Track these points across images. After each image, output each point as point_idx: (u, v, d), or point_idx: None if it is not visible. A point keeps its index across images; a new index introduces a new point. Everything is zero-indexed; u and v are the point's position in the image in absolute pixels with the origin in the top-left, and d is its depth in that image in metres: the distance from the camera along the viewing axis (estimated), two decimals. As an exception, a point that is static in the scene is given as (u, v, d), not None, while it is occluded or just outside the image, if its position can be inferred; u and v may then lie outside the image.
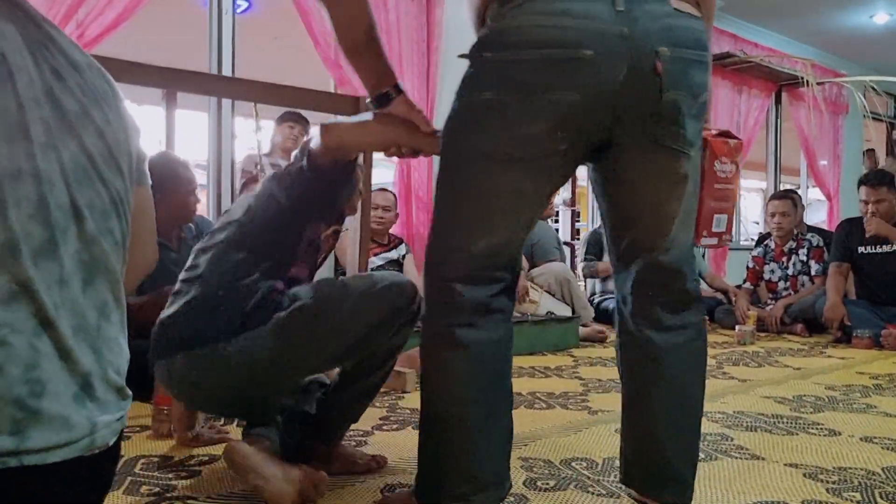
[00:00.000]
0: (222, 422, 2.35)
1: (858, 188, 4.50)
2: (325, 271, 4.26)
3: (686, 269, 1.49)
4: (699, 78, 1.36)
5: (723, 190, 1.59)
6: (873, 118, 7.49)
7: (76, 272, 0.95)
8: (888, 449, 2.16)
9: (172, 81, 2.84)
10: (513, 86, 1.32)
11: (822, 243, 5.02)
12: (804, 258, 5.06)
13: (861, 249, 4.47)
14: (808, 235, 5.15)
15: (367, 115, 1.73)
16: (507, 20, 1.34)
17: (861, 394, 2.97)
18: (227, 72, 3.95)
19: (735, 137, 1.61)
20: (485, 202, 1.39)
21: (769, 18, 6.86)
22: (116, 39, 3.44)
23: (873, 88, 7.09)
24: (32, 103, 0.92)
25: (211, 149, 3.99)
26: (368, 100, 1.69)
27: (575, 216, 10.15)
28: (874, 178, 4.46)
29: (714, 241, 1.63)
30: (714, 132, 1.57)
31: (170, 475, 1.85)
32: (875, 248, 4.43)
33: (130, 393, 1.05)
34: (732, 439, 2.26)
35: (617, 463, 1.64)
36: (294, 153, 1.78)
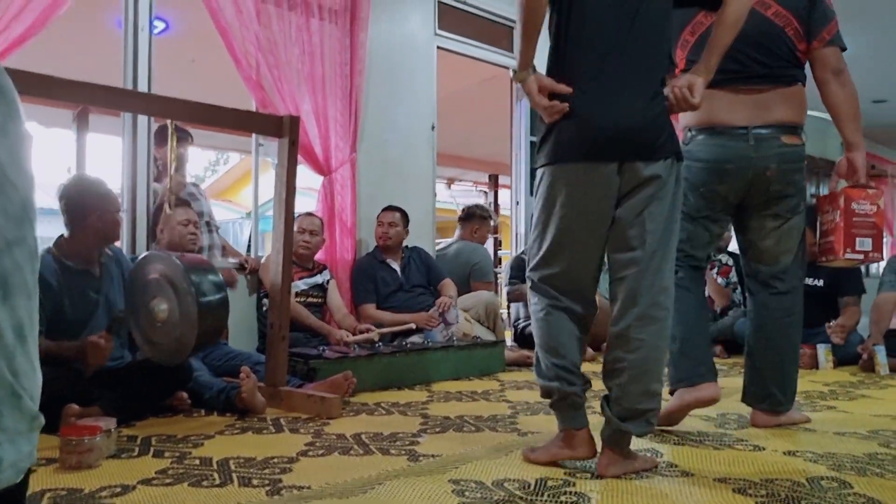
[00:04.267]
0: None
1: None
2: (246, 297, 4.14)
3: (783, 275, 2.68)
4: (797, 177, 2.60)
5: (862, 222, 2.60)
6: None
7: None
8: (811, 461, 2.19)
9: (86, 96, 2.71)
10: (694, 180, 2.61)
11: (731, 262, 5.24)
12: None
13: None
14: (720, 256, 5.32)
15: None
16: (692, 144, 2.65)
17: (781, 410, 3.03)
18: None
19: (873, 187, 2.65)
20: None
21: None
22: (26, 58, 3.27)
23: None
24: None
25: (125, 174, 3.81)
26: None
27: (497, 244, 10.24)
28: None
29: (860, 256, 2.62)
30: (852, 185, 2.63)
31: (77, 509, 1.72)
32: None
33: (43, 421, 0.96)
34: (662, 455, 2.26)
35: (549, 483, 1.93)
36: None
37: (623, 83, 2.04)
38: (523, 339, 5.22)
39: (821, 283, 4.59)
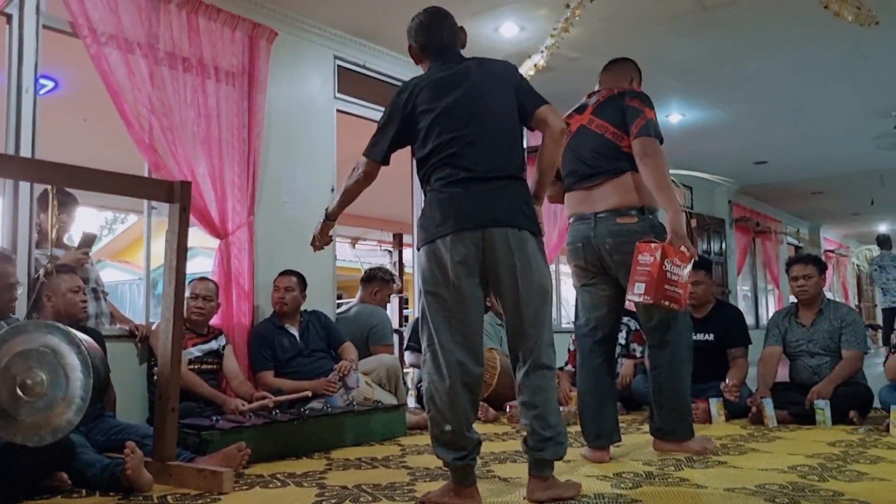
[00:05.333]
0: None
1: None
2: (136, 366, 3.97)
3: (659, 328, 3.43)
4: (627, 248, 3.18)
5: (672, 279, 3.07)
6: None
7: None
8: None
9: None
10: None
11: (639, 327, 5.28)
12: (623, 341, 5.32)
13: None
14: (626, 320, 5.41)
15: None
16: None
17: (675, 467, 3.09)
18: (25, 154, 3.65)
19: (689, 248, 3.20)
20: None
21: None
22: None
23: (672, 181, 7.73)
24: None
25: (6, 238, 3.62)
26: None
27: (403, 303, 10.23)
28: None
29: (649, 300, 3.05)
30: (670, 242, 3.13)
31: None
32: (694, 335, 4.74)
33: None
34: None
35: None
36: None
37: None
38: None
39: (711, 337, 4.75)
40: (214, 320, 4.28)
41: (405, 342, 5.59)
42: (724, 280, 11.14)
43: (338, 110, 5.36)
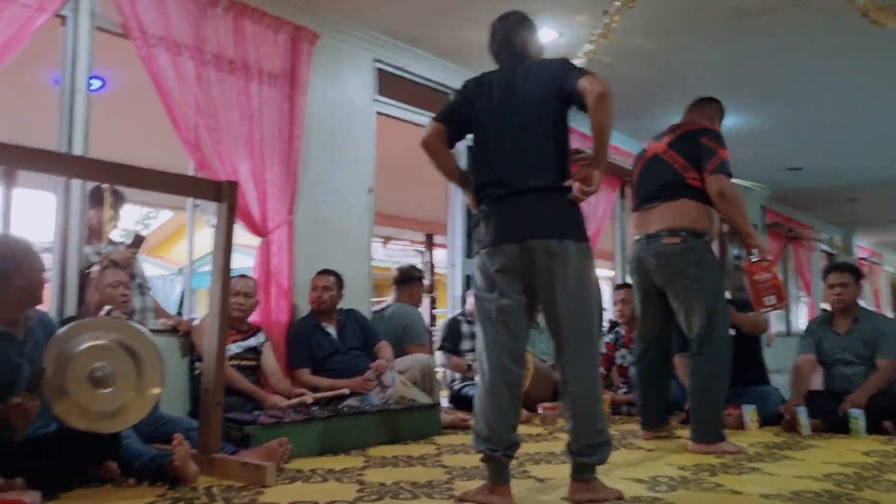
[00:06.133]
0: None
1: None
2: (180, 360, 4.07)
3: (699, 339, 3.74)
4: (667, 269, 3.74)
5: (764, 287, 3.75)
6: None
7: None
8: (738, 525, 2.26)
9: (18, 160, 2.68)
10: None
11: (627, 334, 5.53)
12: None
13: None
14: (617, 328, 5.62)
15: None
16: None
17: (709, 472, 3.11)
18: (78, 151, 3.76)
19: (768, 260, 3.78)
20: None
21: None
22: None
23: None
24: None
25: (57, 233, 3.75)
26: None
27: (433, 303, 10.29)
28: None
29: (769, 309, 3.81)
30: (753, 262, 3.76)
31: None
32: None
33: None
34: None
35: None
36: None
37: None
38: (459, 400, 5.24)
39: (732, 332, 4.72)
40: (253, 317, 4.38)
41: (438, 343, 5.65)
42: (756, 286, 11.04)
43: (377, 112, 5.44)
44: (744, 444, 3.90)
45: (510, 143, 2.63)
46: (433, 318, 10.24)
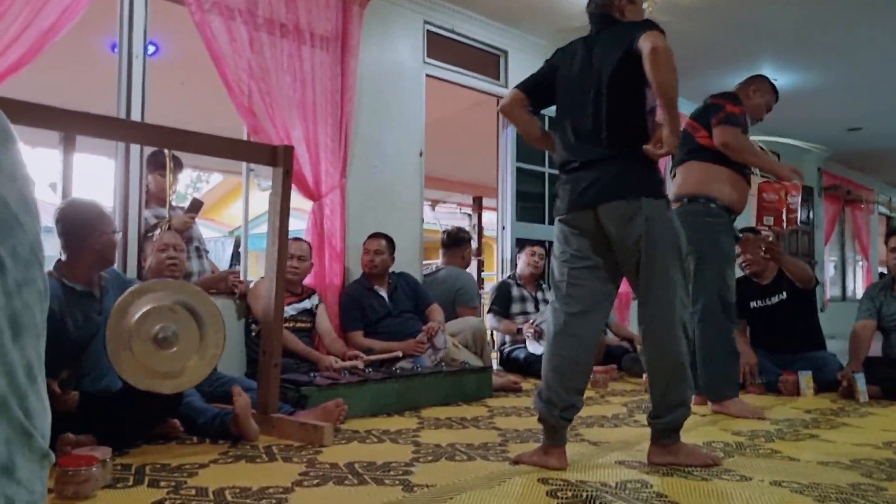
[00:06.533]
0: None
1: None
2: (235, 321, 4.15)
3: None
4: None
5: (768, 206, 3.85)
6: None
7: (4, 328, 0.89)
8: (797, 492, 2.24)
9: (78, 126, 2.73)
10: None
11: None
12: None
13: (753, 304, 4.71)
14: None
15: None
16: None
17: (765, 438, 3.09)
18: (136, 117, 3.83)
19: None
20: None
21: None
22: (20, 80, 3.30)
23: (761, 148, 7.55)
24: None
25: (117, 197, 3.83)
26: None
27: (480, 265, 10.29)
28: None
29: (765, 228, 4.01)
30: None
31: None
32: (765, 301, 4.69)
33: (54, 459, 0.98)
34: (652, 486, 2.31)
35: None
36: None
37: None
38: (509, 363, 5.27)
39: (784, 295, 4.66)
40: (307, 280, 4.43)
41: (488, 305, 5.67)
42: (811, 249, 10.83)
43: (427, 75, 5.41)
44: (800, 410, 3.86)
45: (584, 109, 2.63)
46: (481, 280, 10.26)
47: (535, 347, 5.08)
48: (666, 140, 2.48)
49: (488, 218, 10.11)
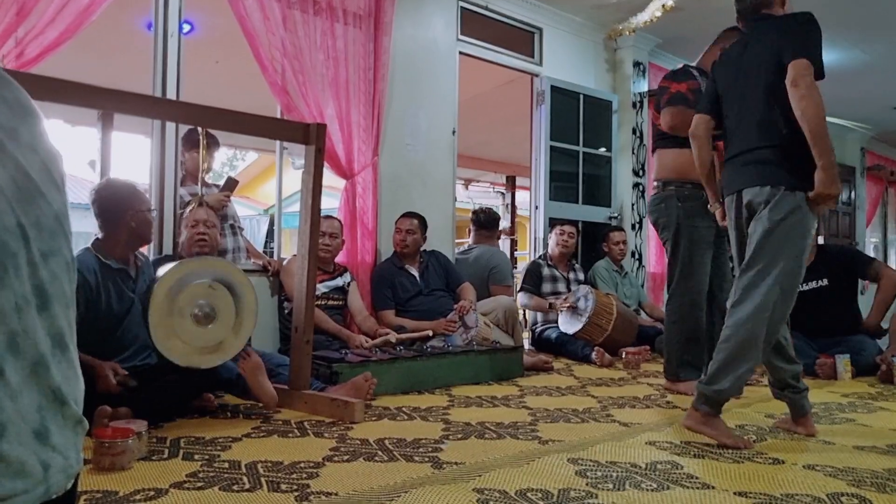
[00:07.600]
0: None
1: None
2: (268, 298, 4.19)
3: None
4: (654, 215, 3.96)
5: None
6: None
7: (31, 298, 0.90)
8: (830, 476, 2.21)
9: (114, 103, 2.77)
10: None
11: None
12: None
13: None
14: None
15: None
16: None
17: (799, 422, 3.04)
18: (171, 95, 3.86)
19: None
20: None
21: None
22: (57, 60, 3.34)
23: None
24: None
25: (153, 175, 3.88)
26: None
27: (514, 245, 10.26)
28: None
29: None
30: None
31: (114, 512, 1.77)
32: (805, 285, 4.61)
33: (87, 426, 0.99)
34: (683, 467, 2.29)
35: (572, 493, 1.97)
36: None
37: None
38: (541, 343, 5.26)
39: (824, 281, 4.59)
40: (339, 258, 4.46)
41: (519, 285, 5.65)
42: (852, 231, 10.61)
43: (460, 52, 5.37)
44: (836, 394, 3.80)
45: (736, 110, 2.77)
46: (514, 259, 10.23)
47: (567, 326, 5.06)
48: (820, 183, 2.53)
49: (521, 197, 10.06)
